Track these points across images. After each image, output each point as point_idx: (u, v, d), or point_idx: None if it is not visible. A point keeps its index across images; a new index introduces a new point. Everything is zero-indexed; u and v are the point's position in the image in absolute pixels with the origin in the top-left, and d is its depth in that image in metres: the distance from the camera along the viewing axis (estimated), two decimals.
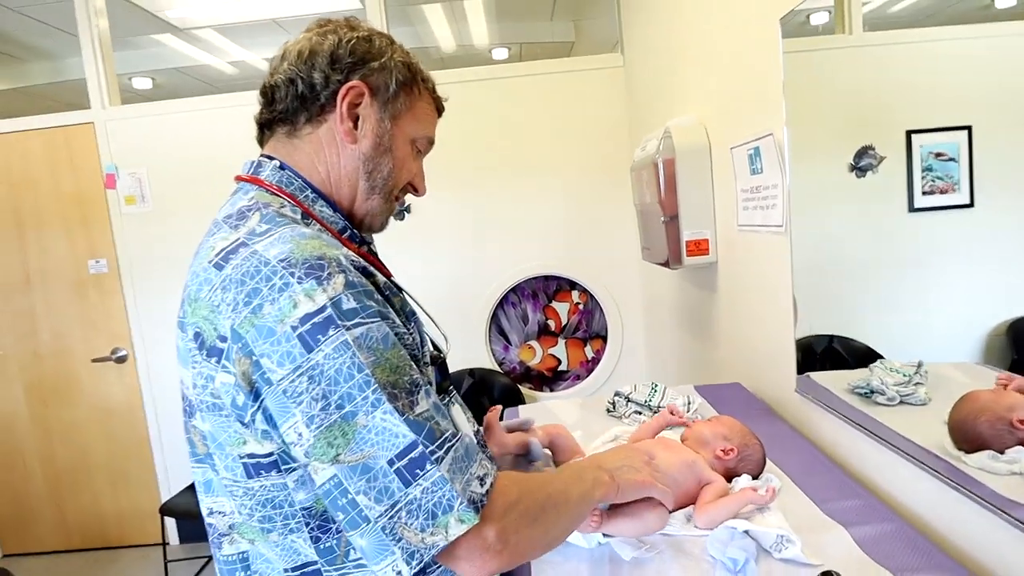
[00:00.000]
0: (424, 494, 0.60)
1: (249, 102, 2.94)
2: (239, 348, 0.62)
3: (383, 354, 0.62)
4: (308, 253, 0.64)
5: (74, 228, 2.98)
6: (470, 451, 0.65)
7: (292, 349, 0.60)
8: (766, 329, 1.48)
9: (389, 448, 0.60)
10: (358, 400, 0.60)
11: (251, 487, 0.68)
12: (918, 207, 0.96)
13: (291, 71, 0.77)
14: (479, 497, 0.63)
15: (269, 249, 0.64)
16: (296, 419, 0.61)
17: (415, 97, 0.82)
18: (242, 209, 0.72)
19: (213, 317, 0.64)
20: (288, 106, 0.78)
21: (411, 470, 0.60)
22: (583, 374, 3.05)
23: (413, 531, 0.60)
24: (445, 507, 0.61)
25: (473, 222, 2.93)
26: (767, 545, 0.84)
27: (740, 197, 1.54)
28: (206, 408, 0.67)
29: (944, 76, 0.92)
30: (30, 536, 3.19)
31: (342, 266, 0.64)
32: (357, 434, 0.60)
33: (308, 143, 0.79)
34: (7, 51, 3.95)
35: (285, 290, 0.61)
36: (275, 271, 0.62)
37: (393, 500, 0.60)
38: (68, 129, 2.92)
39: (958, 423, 0.88)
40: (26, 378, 3.08)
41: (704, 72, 1.78)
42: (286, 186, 0.77)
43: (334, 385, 0.60)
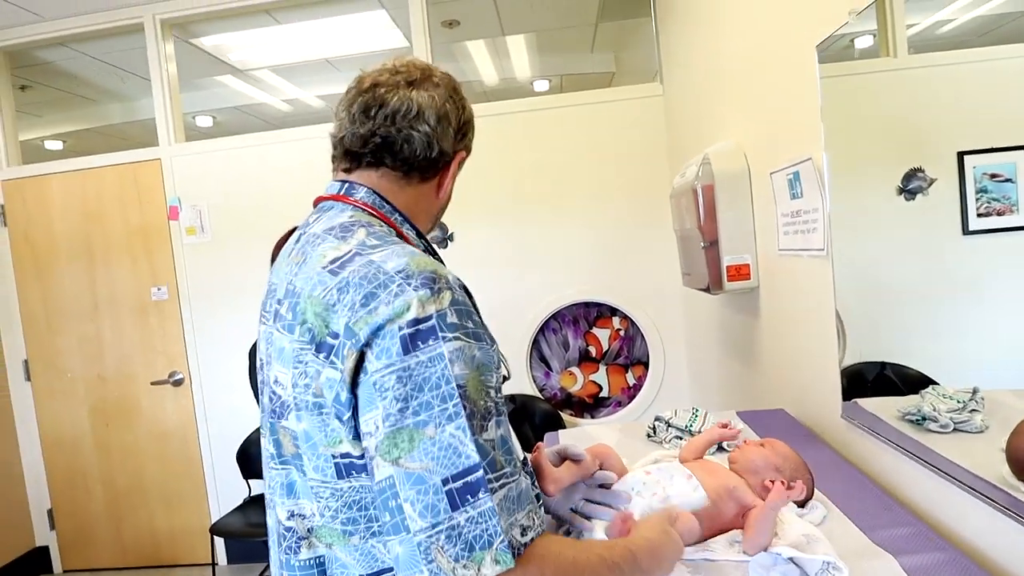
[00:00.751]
0: (468, 523, 0.60)
1: (301, 137, 3.09)
2: (351, 344, 0.65)
3: (471, 373, 0.64)
4: (423, 267, 0.67)
5: (139, 257, 3.15)
6: (523, 496, 0.65)
7: (392, 347, 0.63)
8: (810, 354, 1.45)
9: (448, 466, 0.61)
10: (435, 411, 0.62)
11: (340, 488, 0.69)
12: (973, 229, 0.93)
13: (431, 134, 0.83)
14: (518, 544, 0.62)
15: (386, 261, 0.69)
16: (376, 412, 0.63)
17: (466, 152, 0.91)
18: (345, 224, 0.77)
19: (326, 315, 0.67)
20: (415, 162, 0.84)
21: (463, 494, 0.61)
22: (625, 400, 3.02)
23: (447, 557, 0.60)
24: (485, 543, 0.60)
25: (514, 249, 2.97)
26: (812, 572, 0.82)
27: (780, 221, 1.53)
28: (305, 407, 0.69)
29: (997, 96, 0.90)
30: (88, 553, 3.31)
31: (450, 284, 0.68)
32: (422, 443, 0.61)
33: (412, 190, 0.86)
34: (85, 94, 4.26)
35: (401, 295, 0.65)
36: (392, 279, 0.66)
37: (437, 519, 0.60)
38: (137, 165, 3.11)
39: (1017, 457, 0.85)
40: (91, 400, 3.24)
41: (742, 99, 1.80)
42: (378, 208, 0.83)
43: (417, 391, 0.62)
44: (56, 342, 3.23)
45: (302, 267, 0.75)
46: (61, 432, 3.26)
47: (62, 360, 3.23)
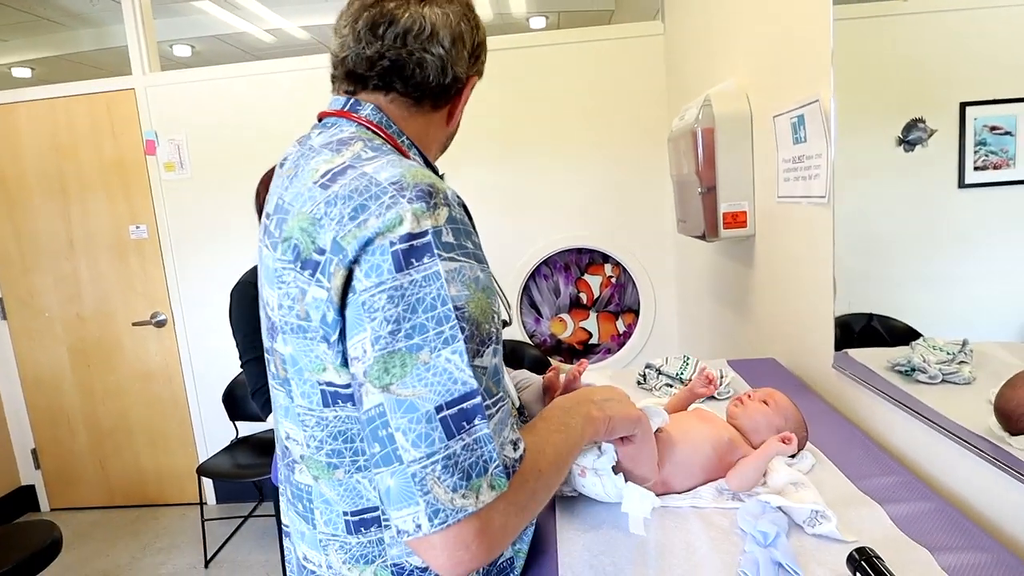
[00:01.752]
0: (464, 450, 0.57)
1: (285, 69, 2.96)
2: (339, 260, 0.60)
3: (475, 293, 0.60)
4: (419, 179, 0.62)
5: (115, 194, 3.05)
6: (508, 413, 0.63)
7: (383, 264, 0.58)
8: (804, 303, 1.44)
9: (443, 393, 0.57)
10: (430, 334, 0.57)
11: (325, 416, 0.67)
12: (969, 183, 0.92)
13: (444, 57, 0.76)
14: (512, 462, 0.61)
15: (380, 172, 0.63)
16: (365, 335, 0.59)
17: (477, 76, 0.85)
18: (343, 139, 0.71)
19: (312, 230, 0.62)
20: (428, 88, 0.77)
21: (458, 421, 0.57)
22: (614, 348, 3.03)
23: (444, 488, 0.56)
24: (480, 469, 0.58)
25: (506, 193, 2.91)
26: (800, 520, 0.82)
27: (781, 167, 1.49)
28: (290, 330, 0.66)
29: (1004, 45, 0.88)
30: (75, 492, 3.35)
31: (448, 200, 0.63)
32: (415, 369, 0.57)
33: (424, 118, 0.80)
34: (53, 17, 4.03)
35: (394, 207, 0.59)
36: (384, 190, 0.61)
37: (432, 449, 0.57)
38: (110, 95, 2.98)
39: (1006, 409, 0.85)
40: (70, 340, 3.20)
41: (747, 39, 1.72)
42: (386, 128, 0.76)
43: (411, 312, 0.57)
44: (31, 280, 3.16)
45: (293, 181, 0.70)
46: (40, 372, 3.24)
47: (38, 299, 3.17)
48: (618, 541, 0.83)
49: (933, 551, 0.75)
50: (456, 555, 0.58)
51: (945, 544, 0.77)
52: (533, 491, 0.64)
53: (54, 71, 4.69)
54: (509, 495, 0.60)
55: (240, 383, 2.87)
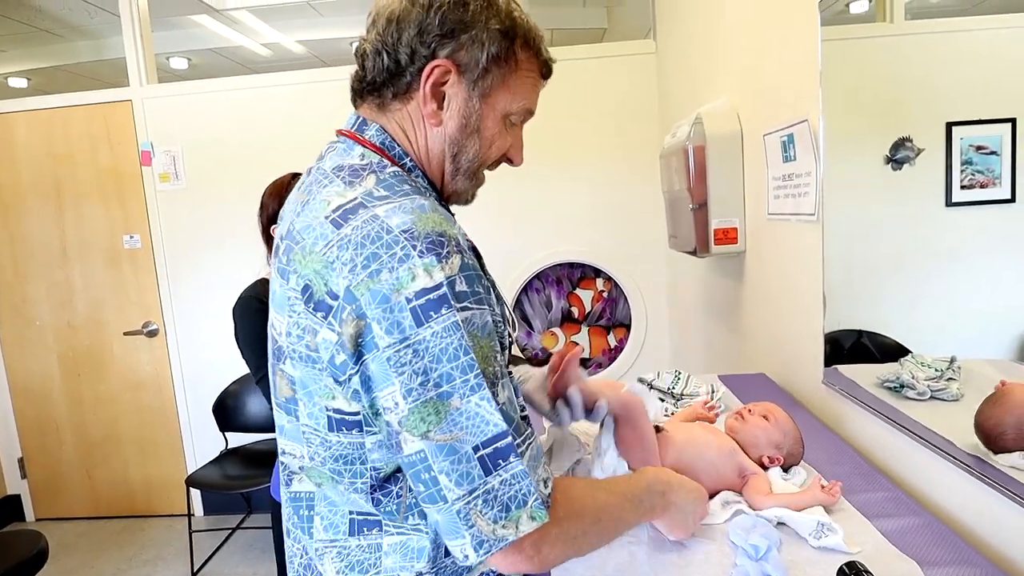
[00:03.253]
0: (502, 485, 0.61)
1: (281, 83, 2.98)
2: (352, 309, 0.61)
3: (480, 341, 0.62)
4: (430, 228, 0.62)
5: (110, 203, 3.05)
6: (539, 452, 0.66)
7: (403, 320, 0.59)
8: (794, 319, 1.46)
9: (477, 434, 0.61)
10: (457, 382, 0.60)
11: (329, 440, 0.68)
12: (956, 201, 0.94)
13: (378, 41, 0.71)
14: (545, 497, 0.64)
15: (391, 216, 0.62)
16: (395, 388, 0.60)
17: (510, 69, 0.74)
18: (355, 167, 0.70)
19: (326, 273, 0.62)
20: (376, 77, 0.73)
21: (494, 459, 0.61)
22: (605, 362, 3.04)
23: (486, 520, 0.61)
24: (520, 501, 0.62)
25: (498, 207, 2.93)
26: (806, 533, 0.83)
27: (771, 185, 1.51)
28: (298, 357, 0.67)
29: (988, 67, 0.90)
30: (61, 502, 3.30)
31: (460, 247, 0.63)
32: (450, 415, 0.60)
33: (399, 117, 0.74)
34: (51, 29, 4.05)
35: (406, 261, 0.60)
36: (397, 240, 0.61)
37: (473, 486, 0.61)
38: (107, 106, 2.98)
39: (985, 427, 0.87)
40: (60, 348, 3.17)
41: (738, 58, 1.75)
42: (388, 150, 0.74)
43: (436, 363, 0.60)
44: (24, 289, 3.14)
45: (306, 208, 0.69)
46: (30, 380, 3.21)
47: (30, 307, 3.15)
48: (611, 554, 0.84)
49: (922, 566, 0.76)
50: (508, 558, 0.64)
51: (934, 559, 0.78)
52: (585, 532, 0.69)
53: (51, 81, 4.70)
54: (564, 523, 0.66)
55: (231, 393, 2.86)
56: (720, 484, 0.95)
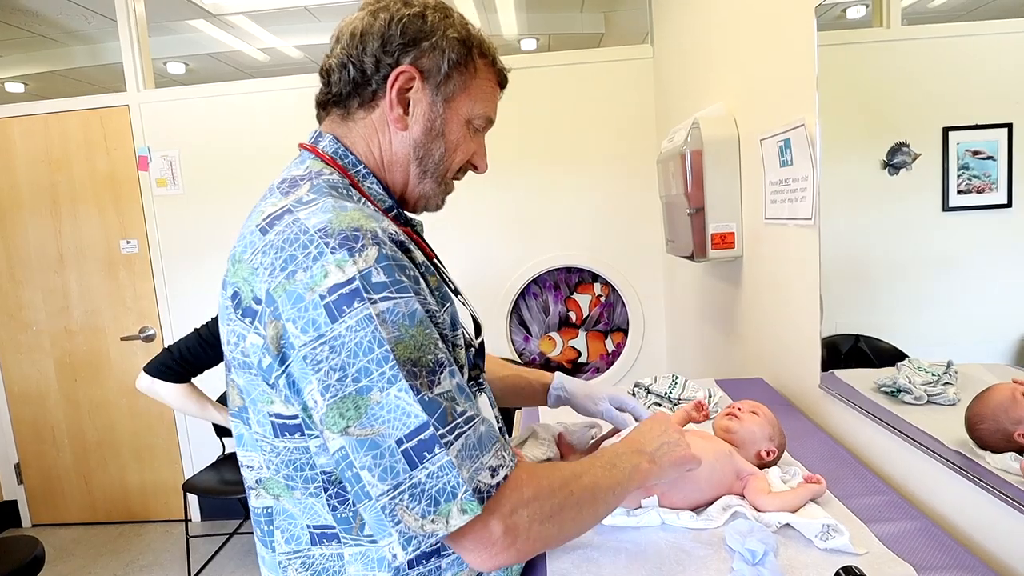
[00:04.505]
0: (429, 478, 0.59)
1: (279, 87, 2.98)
2: (271, 312, 0.62)
3: (407, 330, 0.61)
4: (345, 224, 0.63)
5: (107, 208, 3.05)
6: (485, 439, 0.64)
7: (317, 317, 0.60)
8: (791, 324, 1.46)
9: (399, 427, 0.59)
10: (375, 375, 0.59)
11: (277, 446, 0.69)
12: (952, 206, 0.94)
13: (343, 55, 0.75)
14: (487, 488, 0.62)
15: (310, 218, 0.65)
16: (313, 386, 0.61)
17: (470, 75, 0.78)
18: (296, 177, 0.73)
19: (251, 279, 0.65)
20: (342, 90, 0.77)
21: (419, 452, 0.59)
22: (603, 367, 3.04)
23: (413, 516, 0.59)
24: (449, 495, 0.59)
25: (496, 211, 2.93)
26: (812, 535, 0.83)
27: (768, 190, 1.52)
28: (238, 365, 0.69)
29: (985, 72, 0.90)
30: (57, 508, 3.29)
31: (377, 239, 0.63)
32: (369, 409, 0.59)
33: (362, 127, 0.78)
34: (48, 34, 4.05)
35: (319, 259, 0.61)
36: (312, 239, 0.62)
37: (397, 481, 0.59)
38: (104, 111, 2.98)
39: (967, 420, 0.88)
40: (57, 354, 3.17)
41: (735, 63, 1.76)
42: (340, 159, 0.77)
43: (353, 357, 0.59)
44: (20, 294, 3.13)
45: (246, 222, 0.72)
46: (27, 385, 3.20)
47: (27, 312, 3.15)
48: (607, 559, 0.84)
49: (919, 570, 0.76)
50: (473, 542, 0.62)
51: (929, 563, 0.78)
52: (560, 506, 0.67)
53: (48, 86, 4.69)
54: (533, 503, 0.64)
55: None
56: (719, 489, 0.95)
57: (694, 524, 0.89)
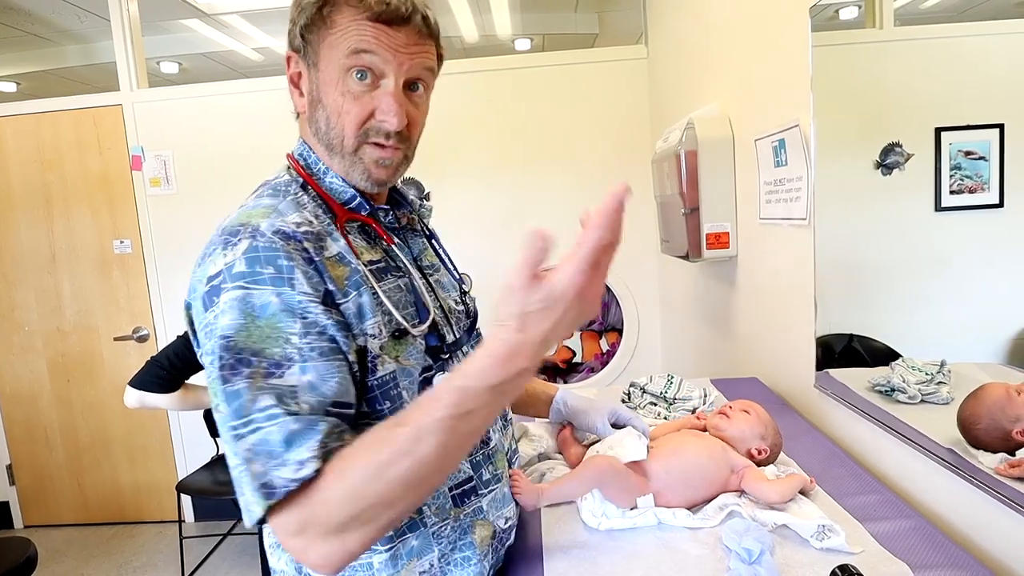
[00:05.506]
0: (234, 468, 0.62)
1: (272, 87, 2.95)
2: (189, 300, 0.70)
3: (254, 320, 0.63)
4: (237, 221, 0.69)
5: (100, 208, 3.03)
6: (298, 436, 0.60)
7: (201, 307, 0.66)
8: (785, 323, 1.47)
9: (231, 414, 0.62)
10: (226, 361, 0.63)
11: None
12: (945, 206, 0.95)
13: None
14: (286, 481, 0.58)
15: (230, 217, 0.71)
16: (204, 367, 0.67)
17: (325, 28, 0.72)
18: (264, 181, 0.80)
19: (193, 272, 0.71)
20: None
21: (230, 438, 0.62)
22: (597, 367, 3.04)
23: (242, 498, 0.61)
24: (244, 484, 0.60)
25: (490, 211, 2.93)
26: (807, 535, 0.83)
27: (763, 190, 1.52)
28: None
29: (976, 73, 0.91)
30: (49, 509, 3.27)
31: (255, 232, 0.66)
32: (224, 393, 0.62)
33: (302, 120, 0.81)
34: (41, 34, 4.02)
35: (211, 254, 0.67)
36: (218, 236, 0.68)
37: (238, 460, 0.61)
38: (97, 110, 2.97)
39: (961, 420, 0.89)
40: (50, 354, 3.15)
41: (729, 64, 1.77)
42: (303, 159, 0.80)
43: (216, 344, 0.63)
44: (12, 294, 3.11)
45: None
46: (19, 386, 3.18)
47: (19, 312, 3.12)
48: (604, 558, 0.84)
49: (913, 568, 0.77)
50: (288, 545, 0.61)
51: (924, 561, 0.79)
52: (363, 492, 0.59)
53: (40, 85, 4.66)
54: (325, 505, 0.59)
55: None
56: (715, 487, 0.95)
57: (691, 523, 0.89)
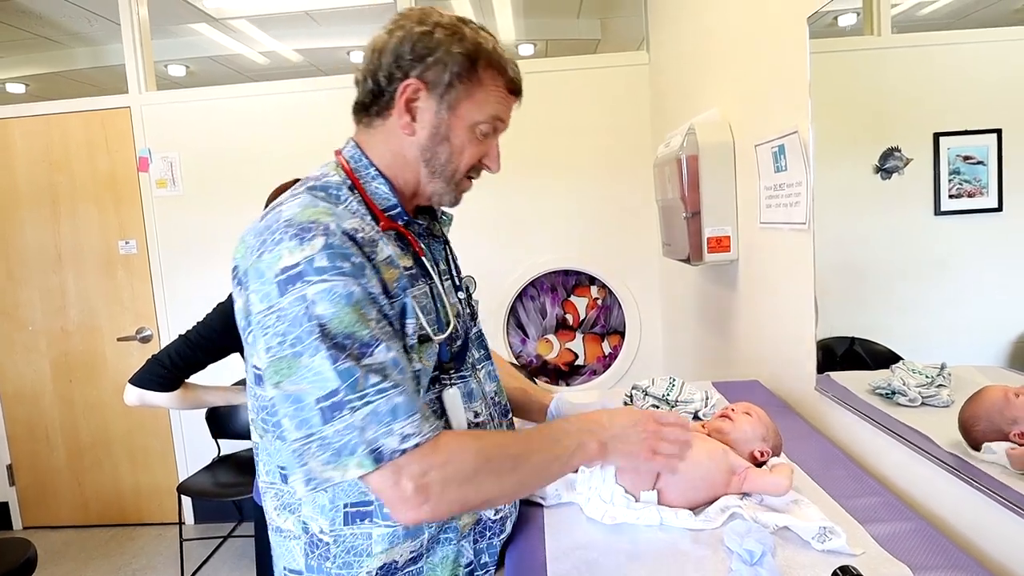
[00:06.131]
0: (336, 435, 0.70)
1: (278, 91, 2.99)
2: (246, 283, 0.77)
3: (342, 308, 0.72)
4: (306, 218, 0.76)
5: (106, 209, 3.05)
6: (400, 409, 0.72)
7: (271, 291, 0.73)
8: (786, 326, 1.47)
9: (318, 388, 0.70)
10: (306, 343, 0.71)
11: (256, 393, 0.84)
12: (944, 210, 0.95)
13: (365, 69, 0.86)
14: (390, 451, 0.71)
15: (287, 211, 0.78)
16: (260, 345, 0.74)
17: (475, 84, 0.85)
18: (310, 176, 0.87)
19: (240, 257, 0.79)
20: (364, 100, 0.87)
21: (331, 411, 0.70)
22: (600, 369, 3.05)
23: (318, 462, 0.71)
24: (349, 451, 0.70)
25: (494, 214, 2.94)
26: (809, 537, 0.83)
27: (763, 194, 1.53)
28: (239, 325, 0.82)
29: (974, 79, 0.91)
30: (49, 510, 3.27)
31: (327, 231, 0.75)
32: (299, 370, 0.71)
33: (380, 133, 0.88)
34: (50, 36, 4.05)
35: (278, 245, 0.74)
36: (279, 228, 0.75)
37: (310, 431, 0.71)
38: (105, 112, 2.99)
39: (961, 422, 0.89)
40: (53, 354, 3.16)
41: (729, 70, 1.78)
42: (354, 162, 0.88)
43: (291, 327, 0.72)
44: (17, 293, 3.13)
45: None
46: (21, 385, 3.19)
47: (23, 311, 3.14)
48: (607, 560, 0.84)
49: (914, 570, 0.77)
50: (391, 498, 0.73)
51: (925, 563, 0.79)
52: (476, 471, 0.75)
53: (49, 87, 4.70)
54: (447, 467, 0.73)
55: None
56: (717, 488, 0.95)
57: (693, 524, 0.90)
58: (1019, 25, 0.84)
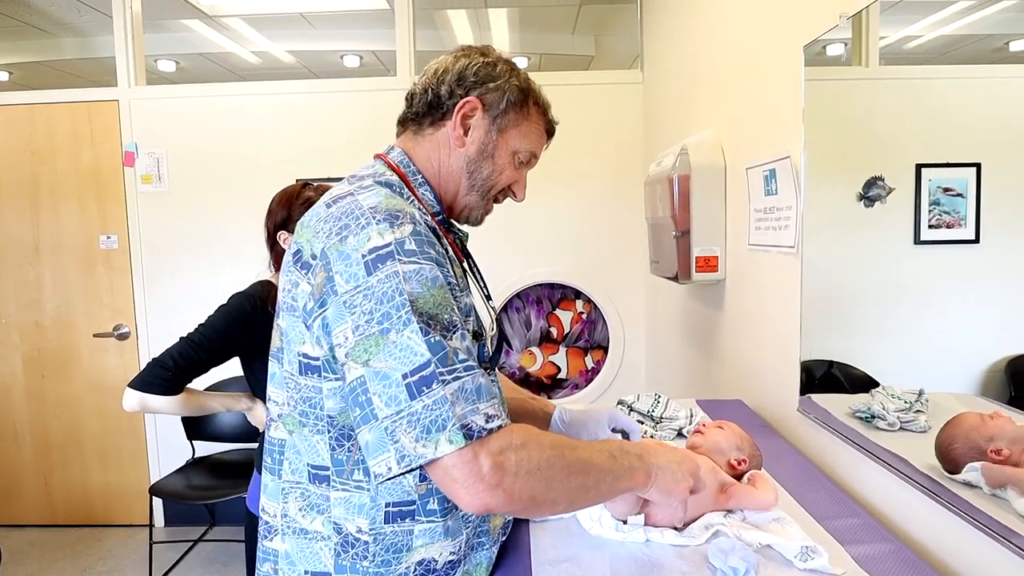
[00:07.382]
0: (425, 410, 0.70)
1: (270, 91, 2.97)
2: (323, 265, 0.77)
3: (429, 289, 0.75)
4: (391, 206, 0.79)
5: (88, 203, 3.00)
6: (483, 390, 0.73)
7: (358, 271, 0.74)
8: (771, 347, 1.49)
9: (406, 363, 0.71)
10: (394, 319, 0.72)
11: (299, 383, 0.82)
12: (924, 240, 0.97)
13: (427, 83, 0.93)
14: (478, 428, 0.71)
15: (366, 200, 0.80)
16: (347, 325, 0.74)
17: (523, 116, 0.95)
18: (363, 175, 0.90)
19: (313, 239, 0.80)
20: (419, 110, 0.94)
21: (419, 386, 0.70)
22: (582, 383, 3.06)
23: (409, 438, 0.70)
24: (440, 425, 0.70)
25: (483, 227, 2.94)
26: (791, 556, 0.84)
27: (753, 217, 1.56)
28: (286, 308, 0.83)
29: (956, 113, 0.94)
30: (13, 508, 3.18)
31: (414, 219, 0.79)
32: (386, 347, 0.72)
33: (428, 141, 0.94)
34: (39, 25, 3.99)
35: (366, 227, 0.76)
36: (364, 214, 0.78)
37: (399, 408, 0.70)
38: (93, 104, 2.95)
39: (938, 445, 0.92)
40: (26, 348, 3.09)
41: (723, 93, 1.81)
42: (403, 167, 0.93)
43: (379, 304, 0.73)
44: None
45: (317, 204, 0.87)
46: None
47: None
48: (589, 573, 0.85)
49: None
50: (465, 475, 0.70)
51: None
52: (550, 462, 0.75)
53: (33, 76, 4.62)
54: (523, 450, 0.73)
55: None
56: (705, 507, 0.96)
57: (676, 541, 0.91)
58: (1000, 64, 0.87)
